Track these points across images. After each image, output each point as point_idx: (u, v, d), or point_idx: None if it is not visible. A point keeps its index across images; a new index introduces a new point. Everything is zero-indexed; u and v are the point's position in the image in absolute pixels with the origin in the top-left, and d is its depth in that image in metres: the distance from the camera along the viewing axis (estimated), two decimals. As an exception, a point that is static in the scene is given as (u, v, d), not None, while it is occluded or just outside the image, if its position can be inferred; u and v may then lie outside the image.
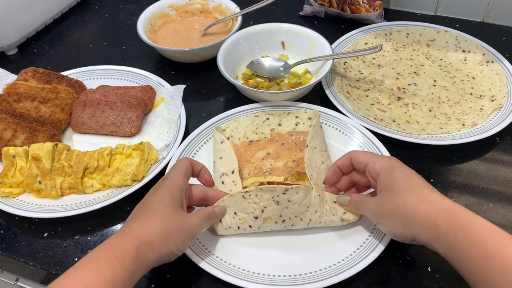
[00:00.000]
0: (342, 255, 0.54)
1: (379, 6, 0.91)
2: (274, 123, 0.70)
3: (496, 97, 0.75)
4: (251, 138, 0.69)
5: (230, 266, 0.54)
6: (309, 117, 0.69)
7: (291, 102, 0.73)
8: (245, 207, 0.56)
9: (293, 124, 0.69)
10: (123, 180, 0.63)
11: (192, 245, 0.55)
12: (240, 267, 0.54)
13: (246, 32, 0.83)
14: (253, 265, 0.54)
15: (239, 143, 0.68)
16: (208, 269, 0.53)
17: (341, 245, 0.56)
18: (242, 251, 0.56)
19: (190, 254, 0.54)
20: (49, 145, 0.64)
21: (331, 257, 0.54)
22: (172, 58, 0.87)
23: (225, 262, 0.54)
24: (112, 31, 1.00)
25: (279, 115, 0.71)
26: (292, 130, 0.69)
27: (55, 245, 0.60)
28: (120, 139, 0.72)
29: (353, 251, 0.55)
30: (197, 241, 0.56)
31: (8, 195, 0.63)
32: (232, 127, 0.70)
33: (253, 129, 0.69)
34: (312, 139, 0.64)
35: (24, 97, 0.73)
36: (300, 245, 0.57)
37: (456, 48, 0.85)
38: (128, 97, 0.74)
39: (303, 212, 0.56)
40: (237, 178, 0.61)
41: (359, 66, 0.84)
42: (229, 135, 0.69)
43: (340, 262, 0.54)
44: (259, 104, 0.73)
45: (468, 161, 0.68)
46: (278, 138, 0.68)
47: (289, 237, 0.58)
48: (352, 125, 0.69)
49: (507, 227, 0.59)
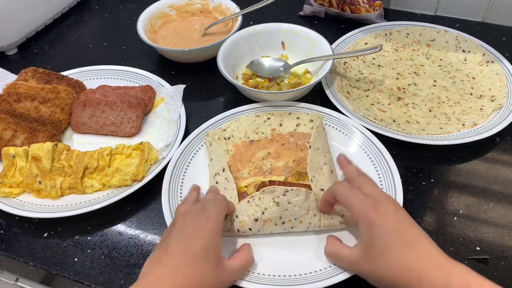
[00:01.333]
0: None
1: (379, 6, 0.91)
2: (275, 123, 0.70)
3: (496, 97, 0.75)
4: (252, 137, 0.69)
5: None
6: (311, 119, 0.69)
7: (292, 102, 0.73)
8: (246, 210, 0.56)
9: (294, 125, 0.69)
10: (123, 180, 0.63)
11: None
12: None
13: (246, 32, 0.83)
14: (253, 265, 0.54)
15: (240, 142, 0.68)
16: None
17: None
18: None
19: None
20: (49, 145, 0.64)
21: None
22: (172, 58, 0.87)
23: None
24: (112, 31, 1.00)
25: (280, 115, 0.71)
26: (293, 130, 0.69)
27: (55, 245, 0.60)
28: (120, 139, 0.72)
29: None
30: None
31: (8, 195, 0.63)
32: (233, 126, 0.70)
33: (254, 129, 0.69)
34: (315, 140, 0.64)
35: (24, 97, 0.73)
36: (300, 245, 0.57)
37: (456, 48, 0.85)
38: (128, 97, 0.74)
39: (303, 215, 0.56)
40: (228, 174, 0.61)
41: (359, 66, 0.84)
42: (230, 135, 0.69)
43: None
44: (259, 104, 0.73)
45: (468, 161, 0.68)
46: (278, 138, 0.68)
47: (290, 238, 0.57)
48: (352, 125, 0.69)
49: (507, 227, 0.59)
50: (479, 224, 0.60)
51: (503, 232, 0.58)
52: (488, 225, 0.59)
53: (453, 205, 0.62)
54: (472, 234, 0.58)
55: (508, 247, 0.57)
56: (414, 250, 0.46)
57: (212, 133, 0.68)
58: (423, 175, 0.66)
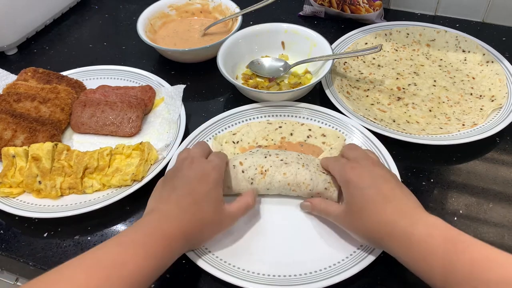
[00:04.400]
0: (342, 255, 0.54)
1: (379, 6, 0.91)
2: (286, 132, 0.70)
3: (496, 97, 0.75)
4: (260, 143, 0.68)
5: (230, 266, 0.54)
6: (323, 134, 0.69)
7: (292, 103, 0.73)
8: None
9: (305, 136, 0.69)
10: (123, 180, 0.63)
11: None
12: (240, 267, 0.54)
13: (246, 32, 0.83)
14: (253, 265, 0.54)
15: (248, 147, 0.68)
16: (208, 269, 0.53)
17: (341, 246, 0.56)
18: (242, 251, 0.56)
19: (190, 255, 0.54)
20: (49, 145, 0.64)
21: (331, 257, 0.54)
22: (172, 58, 0.87)
23: (225, 262, 0.54)
24: (112, 31, 1.00)
25: (292, 125, 0.70)
26: (303, 141, 0.69)
27: (55, 245, 0.60)
28: (120, 139, 0.72)
29: (353, 251, 0.55)
30: None
31: (8, 195, 0.63)
32: (243, 131, 0.70)
33: (264, 135, 0.69)
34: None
35: (24, 97, 0.73)
36: (300, 245, 0.57)
37: (456, 48, 0.85)
38: (128, 97, 0.74)
39: (295, 157, 0.60)
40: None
41: (359, 66, 0.84)
42: (239, 139, 0.69)
43: (340, 262, 0.54)
44: (259, 104, 0.73)
45: (468, 161, 0.68)
46: (287, 146, 0.68)
47: (290, 237, 0.58)
48: (352, 125, 0.69)
49: (507, 227, 0.59)
50: (479, 224, 0.60)
51: (503, 232, 0.58)
52: (488, 225, 0.59)
53: (453, 205, 0.62)
54: (472, 234, 0.57)
55: (508, 247, 0.57)
56: (388, 205, 0.49)
57: (221, 136, 0.68)
58: (423, 175, 0.66)
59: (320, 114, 0.71)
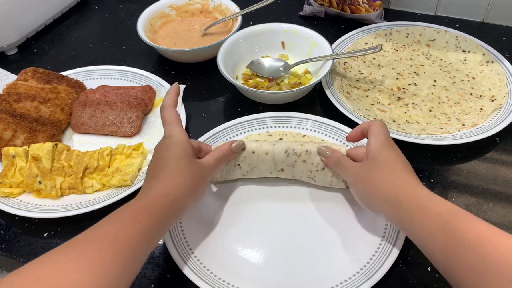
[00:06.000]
0: (345, 276, 0.53)
1: (379, 6, 0.91)
2: None
3: (496, 97, 0.75)
4: None
5: (224, 284, 0.52)
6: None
7: (292, 113, 0.71)
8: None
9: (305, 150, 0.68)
10: (123, 180, 0.63)
11: (189, 262, 0.54)
12: (238, 287, 0.52)
13: (246, 32, 0.83)
14: (252, 285, 0.52)
15: None
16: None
17: (343, 267, 0.54)
18: (242, 270, 0.54)
19: (187, 272, 0.53)
20: (49, 145, 0.64)
21: (332, 279, 0.52)
22: (172, 58, 0.87)
23: (223, 281, 0.53)
24: (112, 31, 1.00)
25: (293, 137, 0.68)
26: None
27: (55, 245, 0.59)
28: (120, 139, 0.72)
29: (357, 271, 0.53)
30: (194, 257, 0.55)
31: (8, 195, 0.63)
32: None
33: None
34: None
35: (24, 97, 0.73)
36: (300, 268, 0.54)
37: (456, 48, 0.85)
38: (128, 97, 0.74)
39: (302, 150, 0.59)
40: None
41: (359, 66, 0.84)
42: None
43: (342, 283, 0.52)
44: (259, 115, 0.71)
45: (468, 161, 0.68)
46: None
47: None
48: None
49: (507, 227, 0.59)
50: (479, 224, 0.59)
51: (503, 232, 0.58)
52: (488, 225, 0.59)
53: (453, 205, 0.62)
54: (472, 234, 0.58)
55: (508, 247, 0.57)
56: (408, 173, 0.51)
57: None
58: (423, 175, 0.66)
59: (324, 126, 0.69)
